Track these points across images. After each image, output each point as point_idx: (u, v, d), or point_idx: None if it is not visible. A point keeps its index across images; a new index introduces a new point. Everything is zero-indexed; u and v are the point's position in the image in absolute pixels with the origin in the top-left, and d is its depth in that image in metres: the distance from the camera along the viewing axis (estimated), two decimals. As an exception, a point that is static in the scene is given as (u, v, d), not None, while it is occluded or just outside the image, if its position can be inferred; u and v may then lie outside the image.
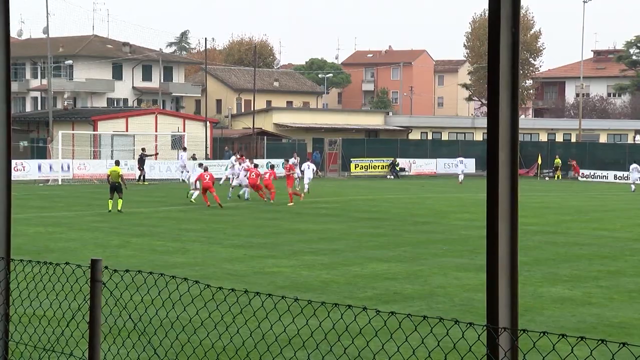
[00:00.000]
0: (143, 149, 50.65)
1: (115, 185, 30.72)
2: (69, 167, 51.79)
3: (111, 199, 30.76)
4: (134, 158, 55.80)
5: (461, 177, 57.27)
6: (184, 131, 60.05)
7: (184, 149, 53.58)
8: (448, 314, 12.57)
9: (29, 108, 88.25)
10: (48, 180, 50.54)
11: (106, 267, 5.84)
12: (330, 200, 38.43)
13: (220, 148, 64.33)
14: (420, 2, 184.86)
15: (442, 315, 5.30)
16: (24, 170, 50.02)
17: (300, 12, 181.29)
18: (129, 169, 51.84)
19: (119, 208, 30.43)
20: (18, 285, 7.04)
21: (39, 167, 51.17)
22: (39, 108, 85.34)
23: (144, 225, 26.87)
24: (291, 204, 34.75)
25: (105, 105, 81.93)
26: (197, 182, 35.10)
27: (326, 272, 17.58)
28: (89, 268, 5.76)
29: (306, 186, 43.05)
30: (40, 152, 56.50)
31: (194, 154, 58.34)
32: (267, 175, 36.45)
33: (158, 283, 6.54)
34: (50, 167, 51.21)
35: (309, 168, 45.63)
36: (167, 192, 41.07)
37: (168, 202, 36.06)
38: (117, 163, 33.21)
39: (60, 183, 49.80)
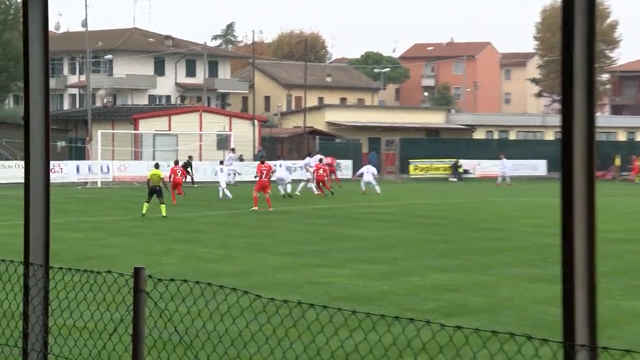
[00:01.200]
0: (190, 157, 50.88)
1: (156, 189, 31.05)
2: (108, 169, 52.47)
3: (147, 202, 31.10)
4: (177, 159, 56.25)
5: (501, 179, 56.47)
6: (230, 130, 60.41)
7: (232, 150, 53.66)
8: (518, 329, 12.46)
9: (66, 106, 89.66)
10: (86, 183, 51.26)
11: (150, 276, 5.90)
12: (388, 205, 38.33)
13: (269, 148, 64.60)
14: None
15: (511, 330, 5.26)
16: (62, 172, 50.81)
17: (354, 1, 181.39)
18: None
19: (163, 214, 30.73)
20: (57, 295, 7.16)
21: (77, 169, 51.95)
22: (77, 106, 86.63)
23: (187, 231, 27.08)
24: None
25: (147, 103, 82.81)
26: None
27: (384, 282, 17.54)
28: (131, 277, 5.82)
29: (364, 187, 43.63)
30: (78, 152, 57.35)
31: (241, 155, 58.63)
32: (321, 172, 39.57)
33: (205, 293, 6.59)
34: (89, 169, 51.94)
35: (367, 172, 45.63)
36: (212, 196, 41.37)
37: (213, 207, 36.32)
38: (157, 166, 33.59)
39: (99, 186, 50.47)
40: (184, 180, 46.58)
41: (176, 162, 42.45)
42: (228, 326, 7.29)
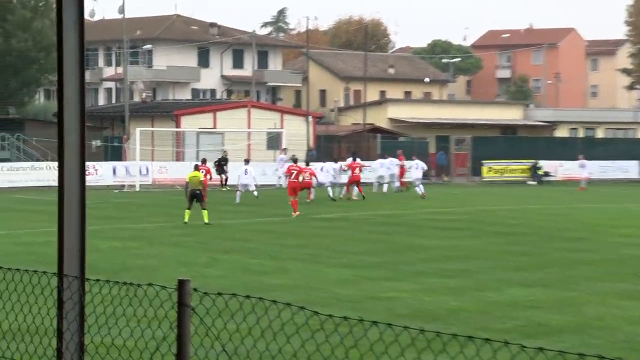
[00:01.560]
0: (224, 152, 50.74)
1: (196, 194, 31.19)
2: (147, 171, 52.99)
3: (188, 209, 31.23)
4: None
5: (584, 183, 55.68)
6: (282, 128, 60.60)
7: (284, 151, 53.56)
8: (609, 353, 12.30)
9: (101, 101, 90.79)
10: (123, 186, 51.82)
11: (195, 290, 5.94)
12: (458, 211, 38.16)
13: (325, 148, 64.69)
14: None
15: (601, 354, 5.20)
16: (97, 174, 51.37)
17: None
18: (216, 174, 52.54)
19: (206, 220, 30.90)
20: (94, 310, 7.24)
21: (114, 171, 52.53)
22: (113, 101, 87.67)
23: (235, 239, 27.24)
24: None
25: (190, 98, 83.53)
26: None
27: (454, 298, 17.47)
28: (174, 290, 5.86)
29: (419, 189, 43.82)
30: (114, 152, 57.90)
31: (293, 155, 58.72)
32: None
33: (256, 309, 6.62)
34: (127, 170, 52.50)
35: (417, 167, 45.87)
36: (262, 201, 41.55)
37: (263, 213, 36.48)
38: (197, 167, 33.74)
39: (137, 189, 50.98)
40: (222, 178, 46.63)
41: (204, 161, 42.93)
42: (282, 345, 7.30)
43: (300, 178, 36.05)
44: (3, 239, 26.79)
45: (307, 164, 39.58)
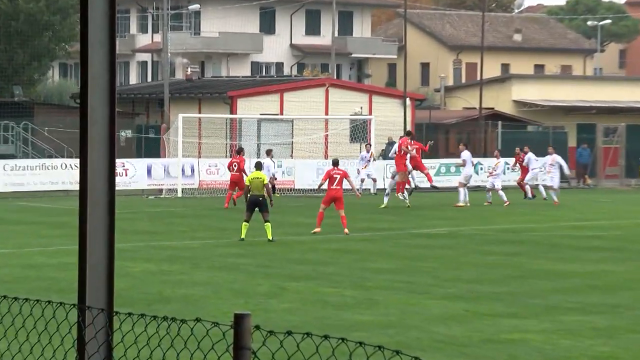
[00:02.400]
0: (268, 151, 49.68)
1: (258, 201, 31.17)
2: (192, 170, 53.27)
3: (247, 221, 31.24)
4: (291, 155, 56.68)
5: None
6: (371, 114, 60.56)
7: (368, 147, 53.21)
8: None
9: (133, 79, 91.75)
10: (161, 191, 52.18)
11: (257, 327, 6.00)
12: (606, 225, 37.82)
13: (428, 140, 64.43)
14: None
15: None
16: (127, 175, 51.55)
17: None
18: (284, 174, 52.72)
19: (269, 237, 30.99)
20: (125, 353, 7.35)
21: (149, 170, 52.79)
22: (149, 79, 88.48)
23: (306, 262, 27.30)
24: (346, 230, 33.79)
25: (249, 74, 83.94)
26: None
27: (602, 341, 17.35)
28: (230, 327, 5.92)
29: (555, 195, 43.70)
30: (150, 146, 58.32)
31: (383, 150, 58.65)
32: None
33: (337, 353, 6.68)
34: (165, 170, 52.81)
35: (554, 166, 45.73)
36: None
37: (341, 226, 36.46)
38: (259, 166, 33.55)
39: (179, 195, 51.33)
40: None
41: (239, 151, 43.17)
42: (370, 402, 7.34)
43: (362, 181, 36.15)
44: (7, 259, 27.19)
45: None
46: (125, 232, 32.15)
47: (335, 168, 34.41)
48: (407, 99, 64.67)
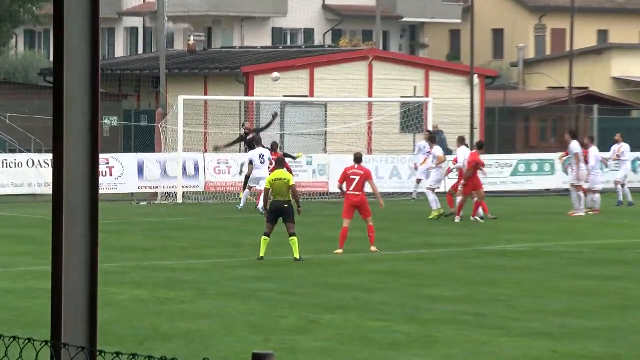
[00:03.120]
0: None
1: (282, 209, 31.03)
2: (196, 169, 53.36)
3: (267, 234, 31.12)
4: (324, 149, 56.59)
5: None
6: (427, 95, 60.49)
7: (430, 134, 52.97)
8: None
9: (120, 51, 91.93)
10: (156, 195, 52.26)
11: (282, 372, 6.06)
12: None
13: (499, 129, 64.29)
14: None
15: None
16: (111, 174, 51.64)
17: None
18: (314, 173, 52.62)
19: (296, 255, 30.93)
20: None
21: (140, 169, 52.87)
22: (140, 50, 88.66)
23: (343, 287, 27.35)
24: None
25: (270, 44, 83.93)
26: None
27: None
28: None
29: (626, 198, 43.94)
30: (141, 138, 58.45)
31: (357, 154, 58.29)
32: None
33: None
34: (162, 169, 52.89)
35: (626, 162, 46.01)
36: (390, 219, 41.42)
37: (392, 240, 36.52)
38: (282, 163, 33.41)
39: (179, 200, 51.44)
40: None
41: (274, 146, 44.18)
42: None
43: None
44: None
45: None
46: (111, 248, 32.27)
47: (356, 166, 34.08)
48: (475, 77, 64.52)
